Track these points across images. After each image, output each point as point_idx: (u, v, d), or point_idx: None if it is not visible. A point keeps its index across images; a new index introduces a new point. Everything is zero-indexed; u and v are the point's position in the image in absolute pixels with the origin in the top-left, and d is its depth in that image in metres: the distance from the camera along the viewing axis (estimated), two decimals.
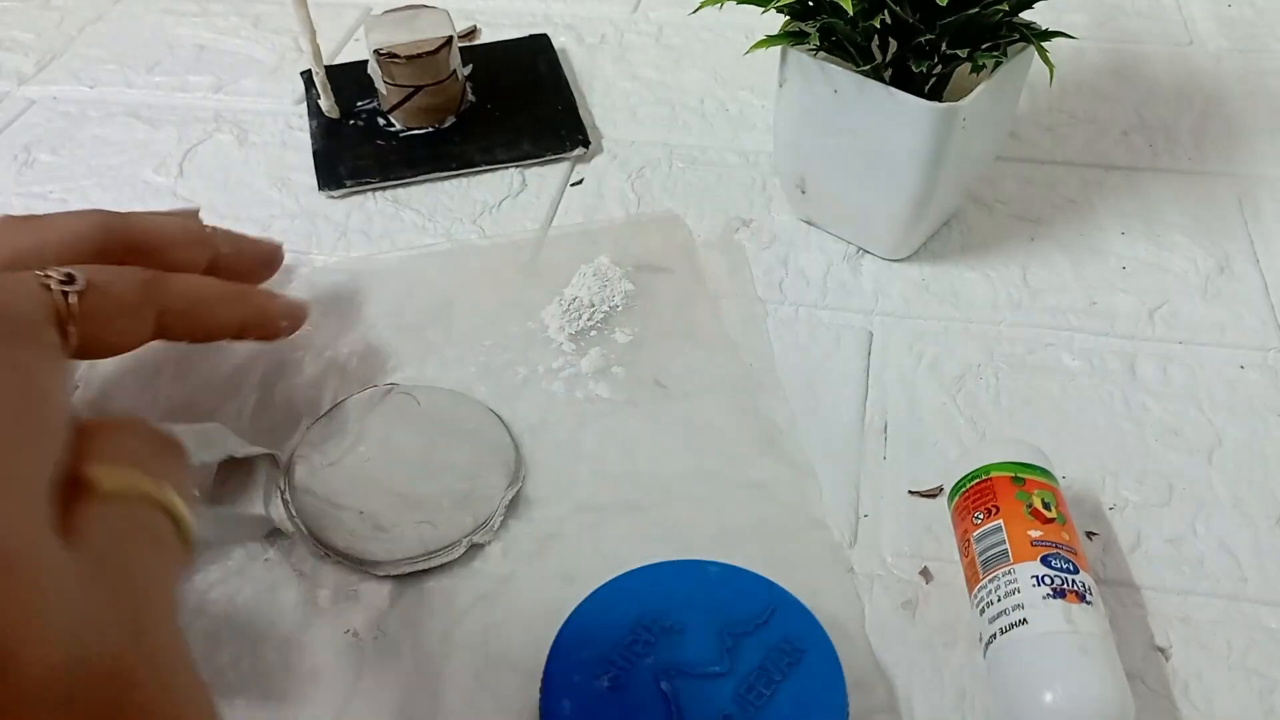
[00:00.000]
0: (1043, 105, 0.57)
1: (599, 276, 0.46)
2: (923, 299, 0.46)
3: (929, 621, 0.35)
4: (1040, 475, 0.35)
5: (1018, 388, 0.42)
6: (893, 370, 0.43)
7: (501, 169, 0.54)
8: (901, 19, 0.40)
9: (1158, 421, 0.41)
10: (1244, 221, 0.50)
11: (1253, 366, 0.43)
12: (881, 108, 0.41)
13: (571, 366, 0.43)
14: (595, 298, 0.45)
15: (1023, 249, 0.49)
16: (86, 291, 0.31)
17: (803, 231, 0.50)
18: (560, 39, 0.63)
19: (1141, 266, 0.48)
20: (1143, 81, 0.59)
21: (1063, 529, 0.33)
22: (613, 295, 0.45)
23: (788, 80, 0.44)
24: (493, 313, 0.46)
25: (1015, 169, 0.53)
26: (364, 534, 0.36)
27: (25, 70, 0.63)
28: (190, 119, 0.59)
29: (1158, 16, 0.64)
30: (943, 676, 0.34)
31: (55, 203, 0.53)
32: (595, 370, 0.43)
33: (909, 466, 0.40)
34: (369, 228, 0.51)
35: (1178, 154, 0.54)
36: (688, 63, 0.61)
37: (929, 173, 0.42)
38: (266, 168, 0.55)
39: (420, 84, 0.54)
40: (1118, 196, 0.51)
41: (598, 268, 0.46)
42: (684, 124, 0.57)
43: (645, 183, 0.53)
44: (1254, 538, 0.37)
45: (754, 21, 0.48)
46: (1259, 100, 0.57)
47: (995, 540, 0.33)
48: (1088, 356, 0.44)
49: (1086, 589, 0.32)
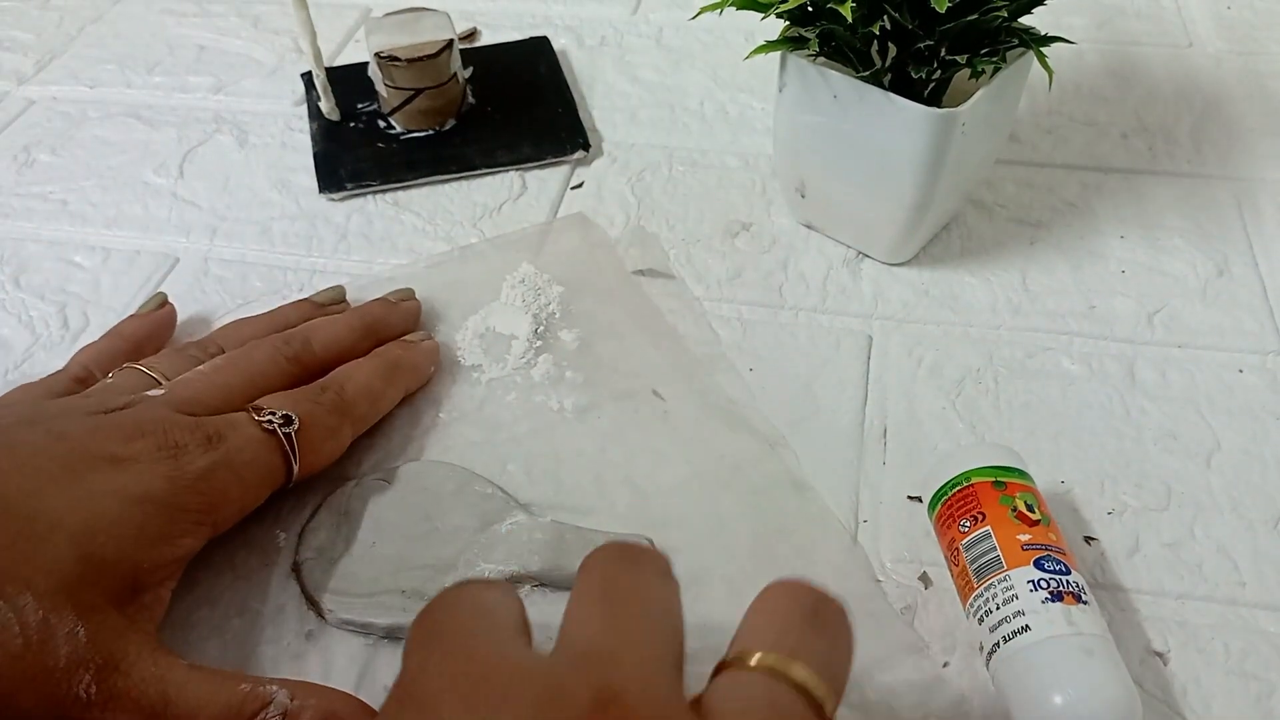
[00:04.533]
0: (1042, 108, 0.57)
1: (527, 284, 0.46)
2: (922, 303, 0.46)
3: (929, 627, 0.35)
4: (1020, 478, 0.35)
5: (1017, 392, 0.42)
6: (892, 375, 0.43)
7: (502, 172, 0.54)
8: (901, 25, 0.40)
9: (1156, 425, 0.41)
10: (1243, 224, 0.50)
11: (1251, 370, 0.43)
12: (881, 113, 0.41)
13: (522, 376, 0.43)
14: (531, 304, 0.45)
15: (1022, 253, 0.49)
16: (301, 428, 0.36)
17: (802, 235, 0.50)
18: (560, 41, 0.63)
19: (1140, 270, 0.48)
20: (1142, 84, 0.59)
21: (1049, 530, 0.33)
22: (548, 302, 0.45)
23: (787, 85, 0.44)
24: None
25: (1015, 172, 0.53)
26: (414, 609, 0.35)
27: (25, 70, 0.63)
28: (190, 120, 0.59)
29: (1157, 19, 0.64)
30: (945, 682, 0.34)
31: (55, 204, 0.53)
32: (547, 378, 0.43)
33: (908, 471, 0.40)
34: (369, 230, 0.51)
35: (1177, 157, 0.54)
36: (688, 65, 0.61)
37: (928, 178, 0.42)
38: (266, 169, 0.55)
39: (421, 87, 0.54)
40: (1117, 200, 0.51)
41: (524, 276, 0.46)
42: (684, 127, 0.57)
43: (645, 186, 0.53)
44: (1252, 542, 0.37)
45: (754, 24, 0.48)
46: (1258, 103, 0.57)
47: (986, 547, 0.33)
48: (1087, 360, 0.44)
49: (1081, 589, 0.32)
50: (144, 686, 0.29)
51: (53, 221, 0.53)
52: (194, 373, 0.38)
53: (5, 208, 0.53)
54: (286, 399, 0.37)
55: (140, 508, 0.31)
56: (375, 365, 0.41)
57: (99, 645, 0.29)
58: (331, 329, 0.42)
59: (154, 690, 0.29)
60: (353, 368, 0.40)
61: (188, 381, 0.37)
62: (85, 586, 0.29)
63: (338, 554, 0.37)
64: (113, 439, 0.32)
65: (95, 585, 0.30)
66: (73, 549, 0.30)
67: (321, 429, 0.37)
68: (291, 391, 0.38)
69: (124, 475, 0.32)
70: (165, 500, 0.32)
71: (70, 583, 0.29)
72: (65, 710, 0.28)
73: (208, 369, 0.38)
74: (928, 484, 0.37)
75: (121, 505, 0.31)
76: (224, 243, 0.51)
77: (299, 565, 0.37)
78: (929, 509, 0.37)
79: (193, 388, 0.37)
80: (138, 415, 0.34)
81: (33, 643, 0.28)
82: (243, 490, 0.35)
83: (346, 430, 0.39)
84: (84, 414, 0.34)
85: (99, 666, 0.29)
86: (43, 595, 0.28)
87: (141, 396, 0.36)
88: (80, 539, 0.30)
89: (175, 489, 0.32)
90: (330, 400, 0.38)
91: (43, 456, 0.31)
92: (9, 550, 0.29)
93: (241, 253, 0.50)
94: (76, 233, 0.52)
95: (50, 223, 0.52)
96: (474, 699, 0.22)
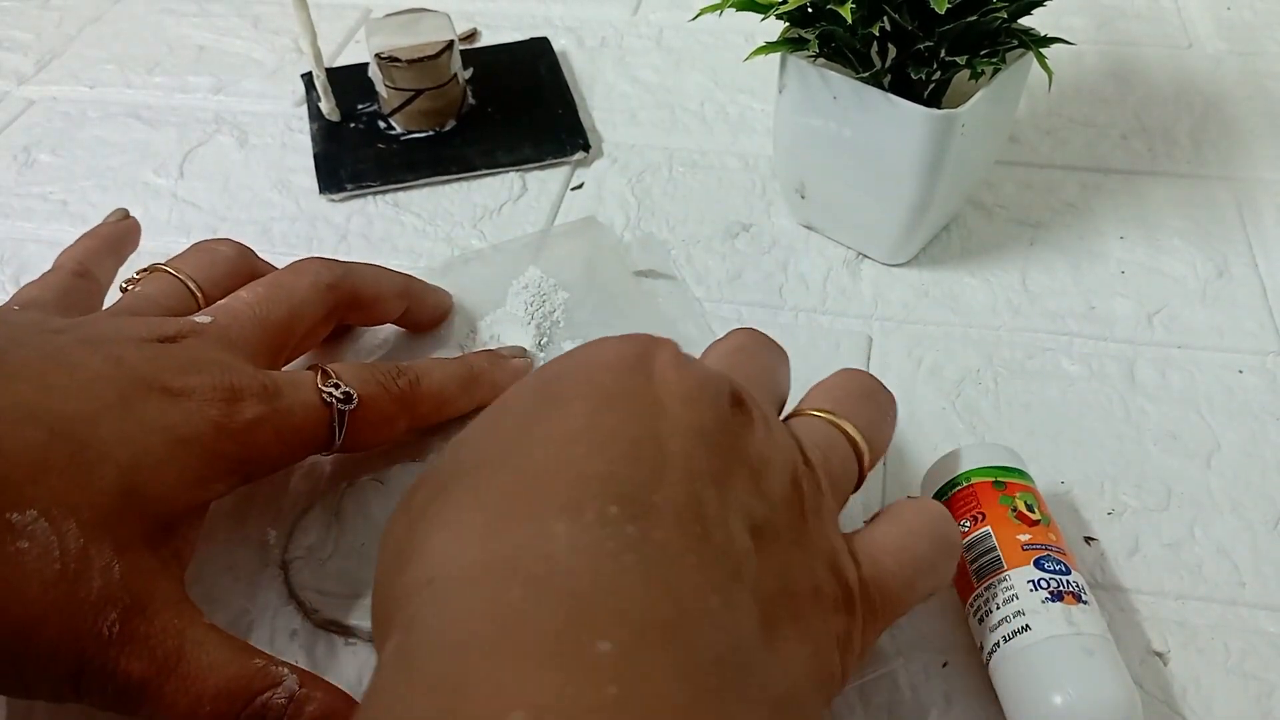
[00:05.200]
0: (1041, 109, 0.57)
1: (531, 289, 0.46)
2: (922, 304, 0.46)
3: (929, 627, 0.35)
4: (1019, 478, 0.35)
5: (1016, 393, 0.43)
6: (892, 375, 0.43)
7: (502, 173, 0.54)
8: (900, 26, 0.40)
9: (1156, 426, 0.41)
10: (1243, 225, 0.50)
11: (1251, 371, 0.43)
12: (881, 114, 0.41)
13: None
14: (535, 312, 0.45)
15: (1022, 253, 0.49)
16: (357, 408, 0.36)
17: (802, 236, 0.50)
18: (560, 42, 0.63)
19: (1140, 271, 0.48)
20: (1141, 85, 0.59)
21: (1049, 530, 0.34)
22: (552, 309, 0.45)
23: (787, 86, 0.44)
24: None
25: (1014, 173, 0.53)
26: None
27: (25, 70, 0.63)
28: (190, 120, 0.59)
29: (1157, 19, 0.64)
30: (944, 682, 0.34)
31: (55, 204, 0.53)
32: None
33: (908, 472, 0.40)
34: (369, 231, 0.51)
35: (1176, 158, 0.54)
36: (688, 66, 0.62)
37: (928, 179, 0.42)
38: (267, 170, 0.55)
39: (421, 88, 0.54)
40: (1116, 200, 0.51)
41: (529, 282, 0.46)
42: (684, 128, 0.57)
43: (645, 187, 0.53)
44: (1252, 542, 0.37)
45: (754, 25, 0.48)
46: (1258, 103, 0.57)
47: (986, 547, 0.33)
48: (1086, 361, 0.44)
49: (1081, 589, 0.32)
50: (163, 635, 0.29)
51: (53, 221, 0.53)
52: (237, 301, 0.37)
53: (5, 208, 0.53)
54: (358, 373, 0.36)
55: (186, 448, 0.31)
56: (457, 370, 0.40)
57: (129, 584, 0.29)
58: (367, 270, 0.41)
59: (172, 642, 0.29)
60: (435, 364, 0.40)
61: (233, 311, 0.36)
62: (125, 522, 0.29)
63: (327, 554, 0.37)
64: (169, 370, 0.32)
65: (134, 522, 0.29)
66: (119, 482, 0.29)
67: (380, 414, 0.37)
68: (367, 365, 0.37)
69: (176, 411, 0.31)
70: (209, 444, 0.32)
71: (112, 516, 0.29)
72: (85, 646, 0.28)
73: (250, 298, 0.37)
74: (927, 484, 0.37)
75: (168, 444, 0.31)
76: None
77: (287, 564, 0.37)
78: None
79: (239, 320, 0.36)
80: (195, 351, 0.33)
81: (70, 572, 0.27)
82: (281, 450, 0.34)
83: (403, 423, 0.38)
84: (140, 340, 0.33)
85: (126, 606, 0.28)
86: (85, 525, 0.28)
87: (191, 325, 0.35)
88: (127, 473, 0.29)
89: (220, 434, 0.32)
90: (400, 389, 0.37)
91: (101, 382, 0.31)
92: (62, 474, 0.28)
93: None
94: (76, 233, 0.51)
95: (50, 223, 0.52)
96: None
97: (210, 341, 0.35)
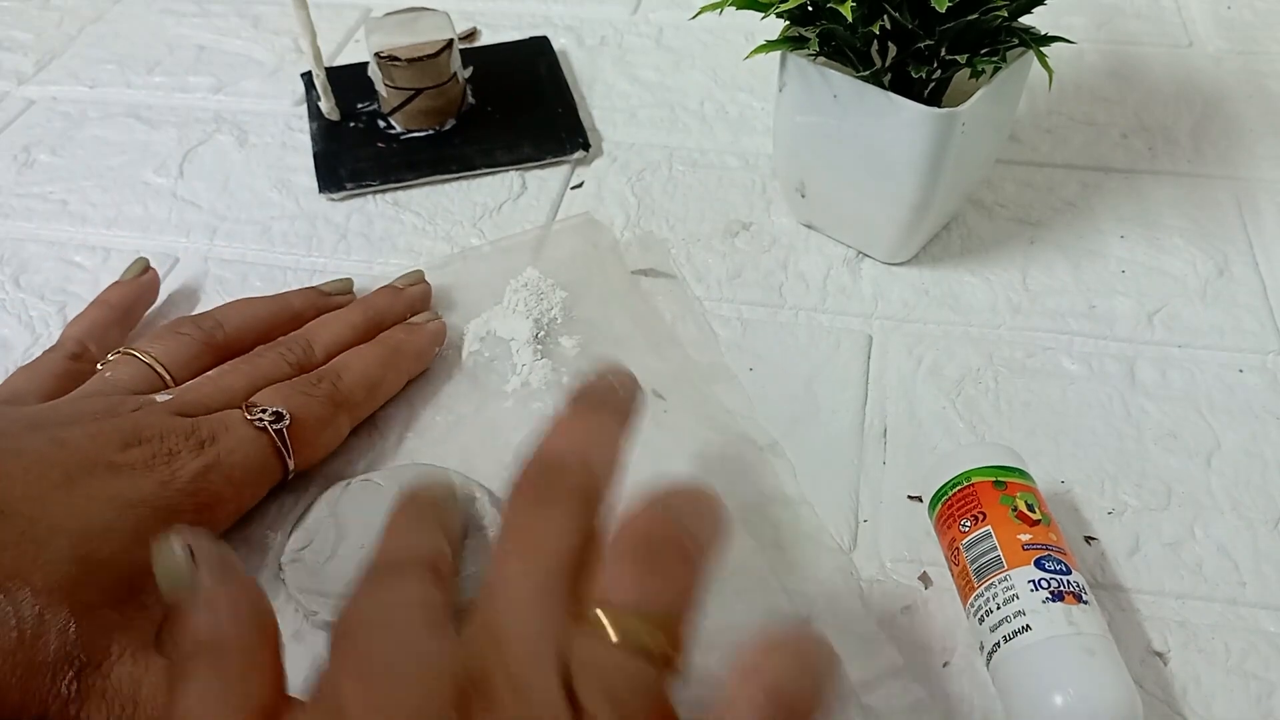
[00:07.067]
0: (1042, 108, 0.57)
1: (530, 289, 0.46)
2: (922, 303, 0.46)
3: (929, 627, 0.35)
4: (1020, 477, 0.35)
5: (1017, 391, 0.42)
6: (892, 374, 0.43)
7: (502, 172, 0.54)
8: (901, 25, 0.40)
9: (1156, 425, 0.41)
10: (1243, 224, 0.50)
11: (1251, 370, 0.43)
12: (881, 113, 0.41)
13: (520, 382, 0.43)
14: (533, 311, 0.45)
15: (1022, 252, 0.49)
16: (293, 424, 0.37)
17: (802, 235, 0.50)
18: (560, 41, 0.63)
19: (1140, 270, 0.48)
20: (1142, 84, 0.59)
21: (1049, 530, 0.34)
22: (550, 307, 0.45)
23: (787, 85, 0.44)
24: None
25: (1015, 172, 0.53)
26: None
27: (25, 70, 0.63)
28: (190, 120, 0.59)
29: (1157, 18, 0.64)
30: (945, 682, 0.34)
31: (55, 204, 0.53)
32: (545, 385, 0.43)
33: (908, 471, 0.40)
34: (369, 230, 0.51)
35: (1177, 156, 0.54)
36: (688, 65, 0.61)
37: (928, 177, 0.42)
38: (266, 169, 0.55)
39: (421, 87, 0.54)
40: (1117, 199, 0.51)
41: (527, 280, 0.46)
42: (684, 126, 0.57)
43: (645, 186, 0.53)
44: (1252, 541, 0.37)
45: (754, 23, 0.48)
46: (1258, 102, 0.57)
47: (986, 547, 0.33)
48: (1087, 360, 0.44)
49: (1082, 589, 0.32)
50: (118, 685, 0.29)
51: (53, 221, 0.53)
52: (202, 378, 0.39)
53: (5, 208, 0.53)
54: (279, 393, 0.38)
55: (135, 511, 0.32)
56: (375, 352, 0.41)
57: (86, 643, 0.29)
58: (334, 329, 0.42)
59: (126, 690, 0.29)
60: (351, 355, 0.41)
61: (194, 387, 0.38)
62: (82, 586, 0.30)
63: (325, 555, 0.37)
64: (110, 446, 0.33)
65: (92, 585, 0.30)
66: (71, 550, 0.30)
67: (316, 421, 0.38)
68: (285, 384, 0.38)
69: (120, 481, 0.33)
70: (159, 504, 0.33)
71: (68, 582, 0.30)
72: (47, 707, 0.28)
73: (214, 375, 0.39)
74: (928, 484, 0.37)
75: (117, 510, 0.32)
76: (224, 243, 0.51)
77: (285, 566, 0.37)
78: (929, 509, 0.37)
79: (199, 393, 0.37)
80: (137, 422, 0.35)
81: (26, 637, 0.28)
82: (235, 491, 0.36)
83: (343, 420, 0.39)
84: (89, 419, 0.34)
85: (82, 664, 0.29)
86: (40, 592, 0.29)
87: (148, 402, 0.36)
88: (78, 541, 0.31)
89: (168, 493, 0.33)
90: (325, 391, 0.39)
91: (45, 464, 0.32)
92: (12, 550, 0.29)
93: (241, 253, 0.50)
94: (77, 233, 0.52)
95: (50, 223, 0.52)
96: (371, 693, 0.23)
97: (157, 410, 0.36)
